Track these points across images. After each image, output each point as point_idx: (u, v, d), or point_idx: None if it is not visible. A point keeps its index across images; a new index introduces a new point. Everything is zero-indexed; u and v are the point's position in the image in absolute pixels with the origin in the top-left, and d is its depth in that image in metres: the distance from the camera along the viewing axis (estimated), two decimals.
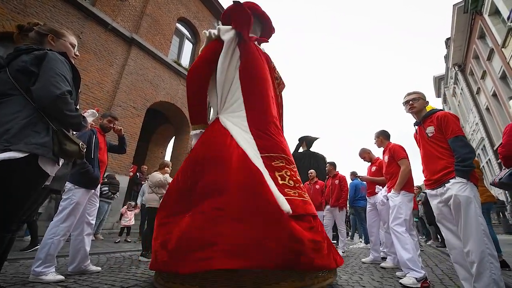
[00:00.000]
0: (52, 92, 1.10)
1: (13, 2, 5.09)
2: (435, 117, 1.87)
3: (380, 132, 3.05)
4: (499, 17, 8.40)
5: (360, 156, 3.79)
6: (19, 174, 1.03)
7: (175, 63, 8.52)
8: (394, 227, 2.43)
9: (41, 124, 1.11)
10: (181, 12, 9.24)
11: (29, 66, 1.12)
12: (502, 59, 8.41)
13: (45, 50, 1.18)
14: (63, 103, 1.13)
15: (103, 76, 6.47)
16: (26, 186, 1.08)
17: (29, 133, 1.06)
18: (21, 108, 1.08)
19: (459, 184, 1.62)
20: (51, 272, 1.93)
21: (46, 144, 1.10)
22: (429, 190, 1.86)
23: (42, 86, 1.10)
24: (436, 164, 1.79)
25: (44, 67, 1.13)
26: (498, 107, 9.93)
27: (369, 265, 3.15)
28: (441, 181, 1.74)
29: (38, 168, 1.08)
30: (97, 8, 6.54)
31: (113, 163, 6.35)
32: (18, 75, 1.12)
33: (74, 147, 1.20)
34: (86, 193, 2.21)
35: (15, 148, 1.00)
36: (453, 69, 13.88)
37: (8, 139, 1.01)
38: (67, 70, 1.21)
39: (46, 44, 1.31)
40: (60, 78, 1.15)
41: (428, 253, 4.61)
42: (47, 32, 1.33)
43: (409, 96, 2.06)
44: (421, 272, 2.13)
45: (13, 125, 1.04)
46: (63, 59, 1.22)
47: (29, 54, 1.16)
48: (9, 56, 1.18)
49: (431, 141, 1.85)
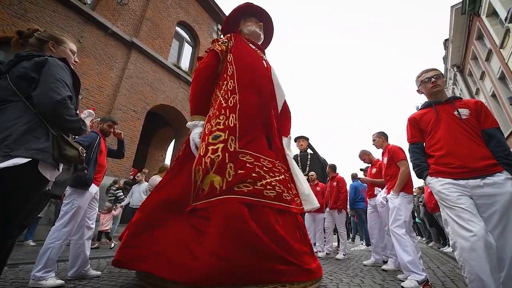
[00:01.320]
0: (52, 97, 1.11)
1: (13, 7, 5.13)
2: (471, 102, 1.66)
3: (381, 133, 3.05)
4: (497, 18, 8.44)
5: (360, 158, 3.79)
6: (19, 180, 1.03)
7: (175, 67, 8.56)
8: (394, 229, 2.42)
9: (41, 130, 1.12)
10: (180, 16, 9.31)
11: (29, 72, 1.13)
12: (500, 59, 8.44)
13: (45, 56, 1.19)
14: (63, 108, 1.14)
15: (103, 80, 6.50)
16: (26, 191, 1.08)
17: (29, 139, 1.07)
18: (21, 114, 1.09)
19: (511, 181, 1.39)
20: (51, 277, 1.92)
21: (46, 150, 1.10)
22: (461, 180, 1.47)
23: (43, 91, 1.11)
24: (473, 151, 1.50)
25: (44, 73, 1.14)
26: (498, 108, 9.95)
27: (370, 267, 3.14)
28: (485, 171, 1.43)
29: (38, 174, 1.08)
30: (97, 13, 6.59)
31: (114, 166, 6.36)
32: (18, 81, 1.13)
33: (74, 152, 1.20)
34: (87, 197, 2.21)
35: (15, 154, 1.00)
36: (452, 70, 13.93)
37: (8, 145, 1.01)
38: (67, 76, 1.22)
39: (47, 51, 1.32)
40: (61, 84, 1.15)
41: (429, 255, 4.59)
42: (48, 38, 1.34)
43: (431, 72, 1.76)
44: (422, 274, 2.12)
45: (13, 131, 1.04)
46: (63, 64, 1.23)
47: (30, 60, 1.17)
48: (10, 63, 1.19)
49: (465, 123, 1.58)
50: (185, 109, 8.72)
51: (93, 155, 2.24)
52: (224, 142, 1.83)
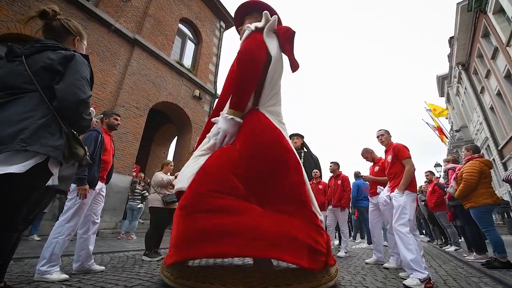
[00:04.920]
0: (78, 95, 1.12)
1: (17, 4, 5.14)
2: None
3: (386, 130, 3.01)
4: (504, 15, 8.31)
5: (363, 156, 3.77)
6: (29, 175, 1.01)
7: (177, 64, 8.55)
8: (398, 227, 2.40)
9: (55, 126, 1.11)
10: (183, 12, 9.28)
11: (56, 65, 1.12)
12: (506, 57, 8.33)
13: (73, 52, 1.20)
14: (85, 107, 1.17)
15: (106, 77, 6.52)
16: (31, 185, 1.07)
17: (44, 135, 1.05)
18: (36, 106, 1.07)
19: None
20: (56, 271, 1.95)
21: (60, 147, 1.10)
22: None
23: (68, 87, 1.11)
24: None
25: (71, 68, 1.14)
26: (503, 107, 9.83)
27: (372, 265, 3.13)
28: None
29: (46, 169, 1.08)
30: (100, 9, 6.59)
31: (117, 163, 6.39)
32: (41, 71, 1.10)
33: (82, 151, 1.23)
34: (90, 194, 2.22)
35: (32, 149, 0.99)
36: (457, 68, 13.77)
37: (25, 139, 0.99)
38: (88, 74, 1.23)
39: (70, 43, 1.32)
40: (85, 82, 1.17)
41: (431, 253, 4.58)
42: (76, 33, 1.34)
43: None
44: (425, 272, 2.12)
45: (28, 125, 1.02)
46: (87, 62, 1.24)
47: (56, 52, 1.16)
48: (31, 49, 1.15)
49: None
50: (187, 106, 8.73)
51: (96, 154, 2.23)
52: None
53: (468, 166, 3.27)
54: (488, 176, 3.16)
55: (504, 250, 2.86)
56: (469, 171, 3.18)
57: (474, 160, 3.29)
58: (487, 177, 3.15)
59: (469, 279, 2.48)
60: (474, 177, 3.11)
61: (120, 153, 6.48)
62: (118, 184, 6.30)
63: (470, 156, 3.41)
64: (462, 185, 3.20)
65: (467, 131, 15.66)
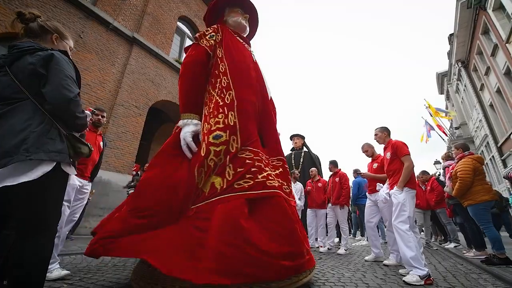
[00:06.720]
0: (66, 95, 1.11)
1: (15, 2, 5.11)
2: None
3: (384, 127, 3.00)
4: (504, 12, 8.29)
5: (363, 149, 3.74)
6: (51, 182, 1.09)
7: (176, 62, 8.52)
8: (398, 225, 2.41)
9: (53, 130, 1.11)
10: (182, 10, 9.23)
11: (38, 68, 1.10)
12: (506, 54, 8.31)
13: (50, 51, 1.16)
14: (76, 106, 1.16)
15: (105, 76, 6.49)
16: (59, 189, 1.17)
17: (46, 141, 1.06)
18: (32, 114, 1.07)
19: None
20: (56, 269, 1.94)
21: (63, 150, 1.12)
22: None
23: (55, 89, 1.10)
24: None
25: (52, 69, 1.12)
26: (503, 104, 9.83)
27: (372, 262, 3.15)
28: None
29: (62, 171, 1.14)
30: (98, 8, 6.55)
31: (116, 162, 6.39)
32: (27, 78, 1.10)
33: (86, 149, 1.25)
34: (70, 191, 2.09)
35: (36, 158, 1.01)
36: (456, 65, 13.75)
37: (28, 149, 1.00)
38: (72, 70, 1.21)
39: (48, 42, 1.29)
40: (70, 81, 1.15)
41: (431, 250, 4.60)
42: (53, 31, 1.31)
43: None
44: (424, 269, 2.13)
45: (29, 134, 1.03)
46: (67, 59, 1.21)
47: (34, 55, 1.13)
48: (9, 56, 1.13)
49: None
50: None
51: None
52: (226, 144, 1.79)
53: (461, 164, 3.31)
54: (482, 173, 3.20)
55: (502, 247, 2.88)
56: (463, 169, 3.22)
57: (466, 158, 3.33)
58: (481, 173, 3.19)
59: (468, 275, 2.50)
60: (469, 175, 3.15)
61: (119, 152, 6.47)
62: (118, 184, 6.29)
63: (461, 154, 3.45)
64: (458, 184, 3.22)
65: (466, 128, 15.66)
